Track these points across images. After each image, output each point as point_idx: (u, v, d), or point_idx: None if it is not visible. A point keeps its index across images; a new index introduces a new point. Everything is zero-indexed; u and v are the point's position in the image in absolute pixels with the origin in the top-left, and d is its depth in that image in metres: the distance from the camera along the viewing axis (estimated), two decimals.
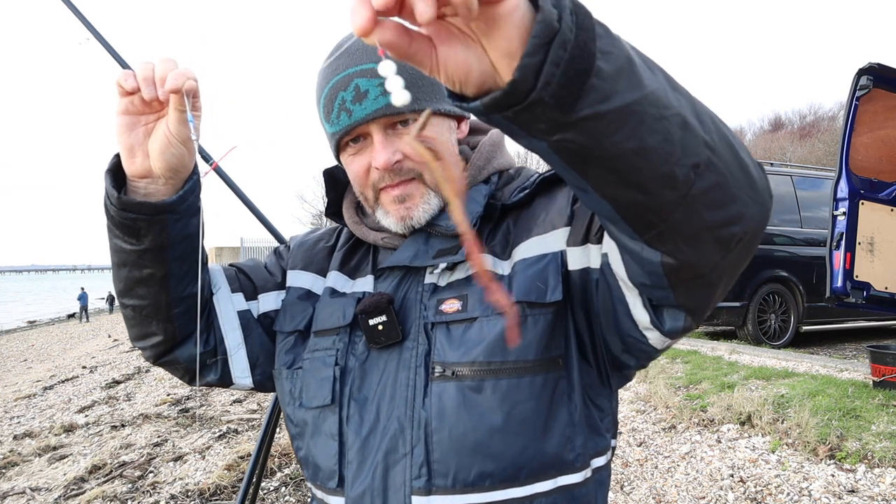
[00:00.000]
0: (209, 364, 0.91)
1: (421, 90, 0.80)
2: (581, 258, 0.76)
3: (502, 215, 0.86)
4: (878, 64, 4.47)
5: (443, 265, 0.81)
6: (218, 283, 0.93)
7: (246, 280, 0.95)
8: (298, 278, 0.94)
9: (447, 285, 0.82)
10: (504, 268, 0.80)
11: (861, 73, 4.49)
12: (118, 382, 7.30)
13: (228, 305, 0.92)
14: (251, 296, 0.94)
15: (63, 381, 8.25)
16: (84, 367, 9.41)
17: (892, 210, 4.77)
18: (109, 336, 15.59)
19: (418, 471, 0.75)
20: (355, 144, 0.82)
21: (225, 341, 0.91)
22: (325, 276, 0.94)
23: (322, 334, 0.86)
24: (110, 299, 29.56)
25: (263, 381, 0.95)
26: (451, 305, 0.79)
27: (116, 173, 0.78)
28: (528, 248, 0.80)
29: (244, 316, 0.92)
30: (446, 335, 0.78)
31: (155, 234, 0.78)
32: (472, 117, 0.94)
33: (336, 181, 0.95)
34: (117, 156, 0.77)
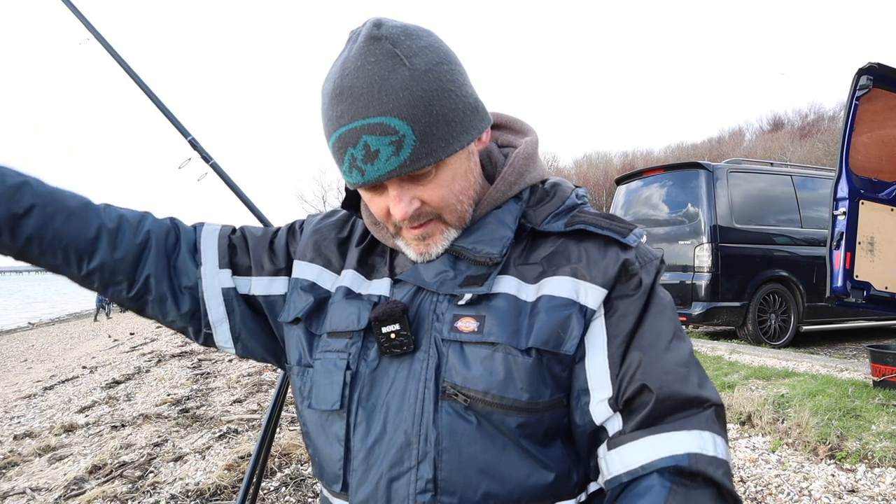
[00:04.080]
0: (196, 327, 0.96)
1: (435, 138, 0.73)
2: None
3: (534, 235, 0.84)
4: (878, 64, 4.47)
5: (468, 296, 0.78)
6: (206, 254, 0.94)
7: (243, 255, 0.96)
8: (304, 270, 0.92)
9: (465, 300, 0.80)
10: (529, 294, 0.78)
11: (861, 72, 4.48)
12: (118, 382, 7.29)
13: (214, 281, 0.93)
14: (244, 272, 0.95)
15: (63, 382, 8.25)
16: (84, 368, 9.40)
17: (892, 210, 4.76)
18: (109, 336, 15.59)
19: (424, 485, 0.74)
20: (374, 189, 0.78)
21: (209, 315, 0.94)
22: (332, 269, 0.92)
23: (335, 336, 0.85)
24: (102, 298, 29.39)
25: (247, 354, 0.97)
26: (467, 324, 0.77)
27: None
28: (560, 286, 0.77)
29: (227, 293, 0.94)
30: (459, 355, 0.76)
31: None
32: (502, 111, 0.91)
33: None
34: None
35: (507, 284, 0.79)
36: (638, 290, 0.77)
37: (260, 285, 0.94)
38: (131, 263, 0.90)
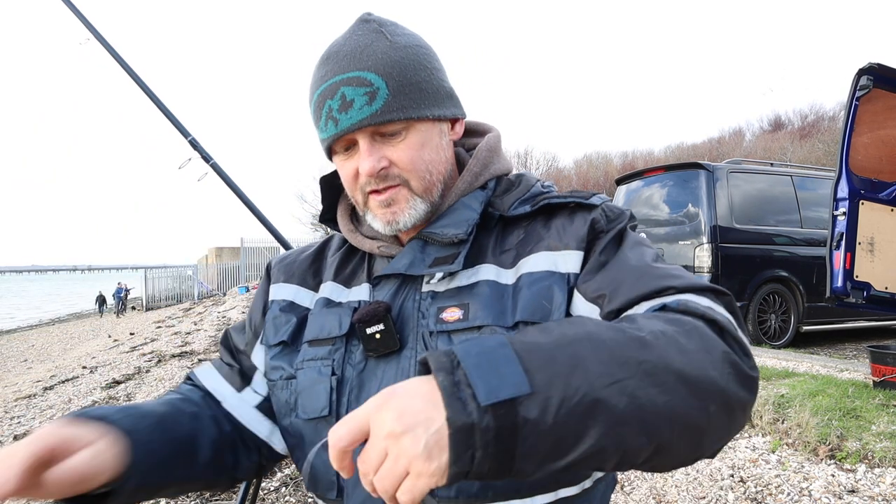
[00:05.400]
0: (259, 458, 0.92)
1: (407, 97, 0.78)
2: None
3: (505, 223, 0.85)
4: (878, 64, 4.47)
5: (439, 275, 0.80)
6: (220, 392, 0.92)
7: (242, 360, 0.95)
8: (280, 291, 0.94)
9: (446, 291, 0.81)
10: (508, 277, 0.80)
11: (861, 73, 4.49)
12: (118, 383, 7.29)
13: (243, 408, 0.91)
14: (250, 374, 0.93)
15: (63, 382, 8.24)
16: (84, 368, 9.40)
17: (892, 210, 4.77)
18: (109, 336, 15.60)
19: None
20: (346, 151, 0.81)
21: (259, 435, 0.91)
22: (308, 286, 0.93)
23: (317, 344, 0.85)
24: (100, 300, 29.27)
25: None
26: (452, 314, 0.78)
27: None
28: (536, 262, 0.79)
29: (261, 406, 0.91)
30: (448, 345, 0.76)
31: None
32: (468, 118, 0.93)
33: (332, 188, 0.95)
34: None
35: (487, 272, 0.80)
36: (608, 233, 0.79)
37: (258, 357, 0.93)
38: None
